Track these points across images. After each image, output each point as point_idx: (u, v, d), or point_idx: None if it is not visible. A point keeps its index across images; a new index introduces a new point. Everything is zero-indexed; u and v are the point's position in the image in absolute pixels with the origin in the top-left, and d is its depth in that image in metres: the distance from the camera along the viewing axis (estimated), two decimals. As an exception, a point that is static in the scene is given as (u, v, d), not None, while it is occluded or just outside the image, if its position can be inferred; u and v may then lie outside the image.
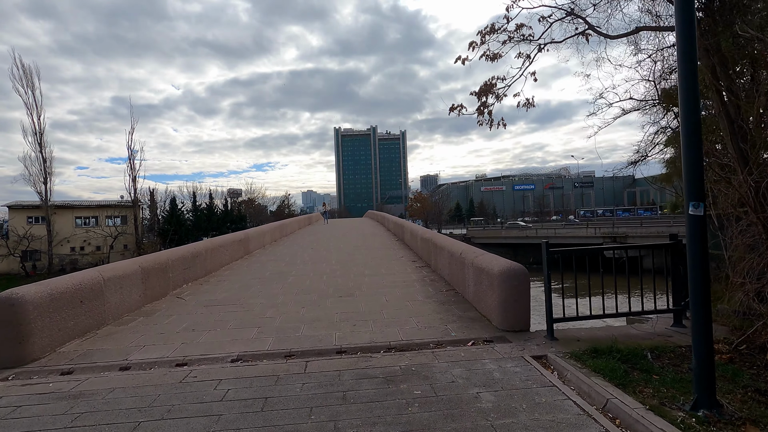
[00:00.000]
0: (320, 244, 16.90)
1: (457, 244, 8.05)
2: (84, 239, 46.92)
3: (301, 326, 5.67)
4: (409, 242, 14.45)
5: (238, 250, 12.64)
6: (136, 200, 46.48)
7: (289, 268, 10.79)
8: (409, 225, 16.01)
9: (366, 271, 9.92)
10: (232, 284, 8.87)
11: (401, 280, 8.76)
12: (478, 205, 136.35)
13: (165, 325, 5.93)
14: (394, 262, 11.21)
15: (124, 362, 4.57)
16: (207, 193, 63.19)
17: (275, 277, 9.50)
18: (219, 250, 10.89)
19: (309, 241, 18.54)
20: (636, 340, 4.69)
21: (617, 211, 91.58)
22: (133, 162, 46.09)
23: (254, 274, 10.01)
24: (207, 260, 10.00)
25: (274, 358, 4.58)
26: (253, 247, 14.47)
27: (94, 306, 5.77)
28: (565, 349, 4.48)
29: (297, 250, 15.02)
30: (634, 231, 50.76)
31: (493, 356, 4.38)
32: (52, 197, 45.40)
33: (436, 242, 9.40)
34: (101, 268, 6.19)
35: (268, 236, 17.28)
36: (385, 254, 13.05)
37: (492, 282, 5.44)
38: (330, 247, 15.83)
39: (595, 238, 53.15)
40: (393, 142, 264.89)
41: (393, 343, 4.87)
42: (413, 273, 9.49)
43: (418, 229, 13.17)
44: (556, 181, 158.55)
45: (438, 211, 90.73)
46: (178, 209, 57.44)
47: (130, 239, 48.14)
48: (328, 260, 12.08)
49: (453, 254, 7.68)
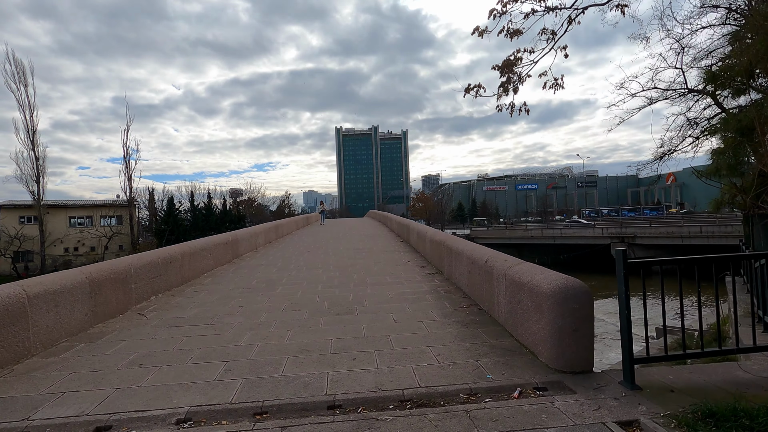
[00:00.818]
0: (318, 247, 15.51)
1: (479, 249, 6.65)
2: (78, 239, 45.64)
3: (284, 360, 4.27)
4: (416, 245, 13.06)
5: (224, 253, 11.25)
6: (131, 200, 45.19)
7: (280, 275, 9.40)
8: (415, 225, 14.62)
9: (368, 279, 8.53)
10: (209, 296, 7.47)
11: (411, 291, 7.37)
12: (480, 204, 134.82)
13: (106, 357, 4.53)
14: (401, 268, 9.82)
15: (20, 426, 3.17)
16: (206, 192, 61.84)
17: (262, 287, 8.11)
18: (200, 254, 9.50)
19: (306, 243, 17.16)
20: (758, 391, 3.28)
21: (622, 210, 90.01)
22: (129, 160, 44.75)
23: (239, 283, 8.62)
24: (184, 266, 8.62)
25: (238, 417, 3.19)
26: (244, 249, 13.09)
27: (12, 333, 4.38)
28: (661, 407, 3.08)
29: (292, 253, 13.63)
30: (642, 231, 49.31)
31: (557, 420, 2.97)
32: (45, 196, 44.15)
33: (451, 246, 7.99)
34: (26, 282, 4.80)
35: (262, 237, 15.91)
36: (389, 258, 11.66)
37: (540, 303, 4.03)
38: (328, 249, 14.44)
39: (602, 238, 51.73)
40: (394, 141, 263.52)
41: (407, 392, 3.47)
42: (424, 282, 8.09)
43: (426, 230, 11.78)
44: (559, 180, 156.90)
45: (440, 211, 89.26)
46: (176, 209, 56.22)
47: (126, 239, 46.86)
48: (325, 265, 10.69)
49: (475, 262, 6.27)
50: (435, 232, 10.32)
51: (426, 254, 11.04)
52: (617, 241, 49.89)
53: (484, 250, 6.35)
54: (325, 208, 35.12)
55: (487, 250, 6.34)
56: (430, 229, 11.35)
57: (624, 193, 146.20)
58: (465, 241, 7.91)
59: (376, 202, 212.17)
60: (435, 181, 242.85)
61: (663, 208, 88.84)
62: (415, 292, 7.26)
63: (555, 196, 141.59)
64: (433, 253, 9.86)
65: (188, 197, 59.47)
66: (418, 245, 12.58)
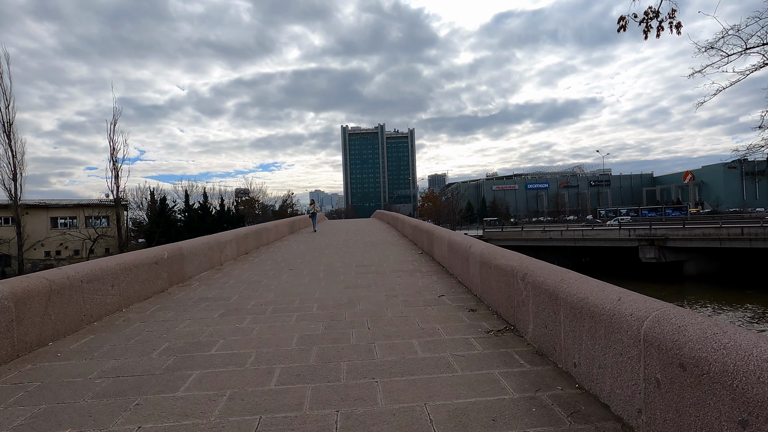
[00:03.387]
0: (307, 261, 11.37)
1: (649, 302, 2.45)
2: (61, 242, 41.73)
3: None
4: (448, 262, 8.90)
5: (151, 279, 7.11)
6: (118, 199, 41.27)
7: (220, 329, 5.23)
8: (440, 233, 10.43)
9: (378, 350, 4.33)
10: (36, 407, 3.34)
11: (481, 396, 3.17)
12: (490, 204, 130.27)
13: None
14: (436, 314, 5.62)
15: None
16: (203, 192, 58.14)
17: (162, 373, 3.94)
18: (85, 288, 5.35)
19: (294, 253, 13.03)
20: None
21: (642, 210, 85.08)
22: (116, 157, 40.85)
23: (126, 353, 4.46)
24: (49, 311, 4.53)
25: None
26: (194, 269, 8.94)
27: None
28: None
29: (266, 272, 9.49)
30: (675, 233, 44.76)
31: None
32: (22, 196, 40.37)
33: (554, 291, 3.75)
34: None
35: (233, 248, 11.76)
36: (409, 286, 7.48)
37: None
38: (319, 266, 10.28)
39: (628, 240, 47.32)
40: (401, 140, 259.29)
41: None
42: (499, 364, 3.86)
43: (465, 242, 7.58)
44: (571, 179, 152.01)
45: (450, 211, 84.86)
46: (170, 208, 52.56)
47: (114, 242, 43.07)
48: (306, 303, 6.51)
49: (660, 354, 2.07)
50: (490, 250, 6.09)
51: (471, 282, 6.87)
52: (646, 244, 45.53)
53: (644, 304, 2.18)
54: (317, 209, 23.98)
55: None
56: (475, 242, 7.14)
57: (638, 192, 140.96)
58: (579, 277, 3.73)
59: (382, 202, 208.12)
60: (442, 180, 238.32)
61: (686, 207, 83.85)
62: (494, 403, 3.08)
63: (567, 195, 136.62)
64: (492, 285, 5.70)
65: (193, 196, 55.87)
66: (452, 263, 8.42)
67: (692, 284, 40.70)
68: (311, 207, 23.71)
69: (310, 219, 23.83)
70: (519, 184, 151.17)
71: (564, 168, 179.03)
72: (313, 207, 23.55)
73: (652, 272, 43.85)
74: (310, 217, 24.05)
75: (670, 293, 36.92)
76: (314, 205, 23.66)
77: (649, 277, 42.56)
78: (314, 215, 23.45)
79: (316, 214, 23.56)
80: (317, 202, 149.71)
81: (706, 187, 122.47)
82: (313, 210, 23.41)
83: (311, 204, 24.09)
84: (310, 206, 24.00)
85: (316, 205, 23.73)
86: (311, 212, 23.50)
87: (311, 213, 23.60)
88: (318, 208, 23.55)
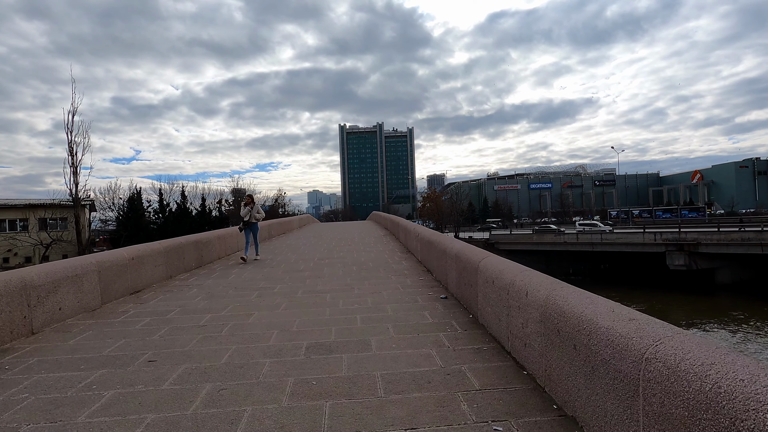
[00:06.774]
0: (258, 301, 6.54)
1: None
2: (8, 248, 36.63)
3: None
4: (497, 329, 4.10)
5: None
6: (77, 198, 36.11)
7: None
8: (468, 253, 5.61)
9: None
10: None
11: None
12: (492, 204, 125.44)
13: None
14: None
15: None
16: (180, 191, 53.02)
17: None
18: None
19: (240, 284, 8.17)
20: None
21: (656, 211, 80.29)
22: (75, 150, 35.69)
23: None
24: None
25: None
26: (42, 319, 4.05)
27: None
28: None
29: (182, 326, 4.66)
30: (708, 237, 39.82)
31: None
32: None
33: None
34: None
35: (146, 270, 6.89)
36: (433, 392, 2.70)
37: None
38: (273, 321, 5.53)
39: (654, 245, 42.36)
40: (400, 139, 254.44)
41: None
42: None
43: (530, 278, 2.76)
44: (575, 179, 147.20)
45: (452, 212, 79.88)
46: (145, 209, 47.55)
47: (72, 247, 38.04)
48: None
49: None
50: None
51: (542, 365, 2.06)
52: (674, 249, 40.54)
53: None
54: (257, 213, 12.05)
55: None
56: (547, 279, 2.36)
57: (644, 192, 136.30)
58: None
59: (381, 202, 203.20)
60: (440, 180, 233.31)
61: (704, 208, 79.05)
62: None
63: (571, 195, 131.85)
64: None
65: (173, 196, 50.91)
66: (512, 336, 3.63)
67: (726, 295, 35.86)
68: (245, 208, 12.07)
69: (240, 231, 12.30)
70: (521, 184, 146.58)
71: (566, 168, 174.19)
72: (249, 209, 11.97)
73: (680, 281, 38.84)
74: (240, 231, 12.38)
75: (708, 307, 32.15)
76: (251, 205, 12.11)
77: (676, 285, 37.76)
78: (251, 227, 12.03)
79: (254, 225, 12.10)
80: (318, 203, 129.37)
81: (716, 187, 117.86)
82: (249, 216, 11.90)
83: (245, 203, 12.30)
84: (243, 207, 12.27)
85: (257, 206, 12.35)
86: (242, 223, 12.03)
87: (241, 225, 12.16)
88: (260, 210, 12.38)
